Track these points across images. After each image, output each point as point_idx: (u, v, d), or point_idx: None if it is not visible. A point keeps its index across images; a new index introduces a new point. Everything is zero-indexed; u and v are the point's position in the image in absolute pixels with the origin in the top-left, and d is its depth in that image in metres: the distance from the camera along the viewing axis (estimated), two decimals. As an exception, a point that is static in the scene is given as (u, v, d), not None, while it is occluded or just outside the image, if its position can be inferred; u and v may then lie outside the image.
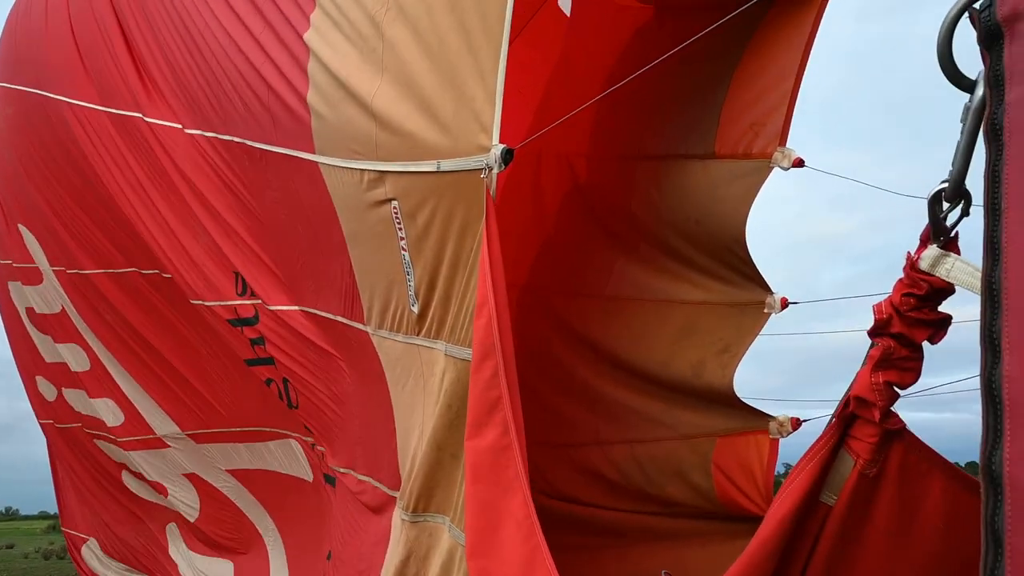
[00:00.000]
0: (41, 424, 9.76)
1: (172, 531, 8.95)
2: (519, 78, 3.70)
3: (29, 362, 9.21)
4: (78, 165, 7.14)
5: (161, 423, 8.05)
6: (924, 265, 2.20)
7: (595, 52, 4.97)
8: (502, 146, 3.57)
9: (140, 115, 6.50)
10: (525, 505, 3.00)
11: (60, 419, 9.23)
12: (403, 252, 4.31)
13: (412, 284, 4.29)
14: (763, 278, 4.98)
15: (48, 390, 9.11)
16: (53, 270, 8.00)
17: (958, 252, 2.19)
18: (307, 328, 6.08)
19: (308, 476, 7.28)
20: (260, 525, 8.09)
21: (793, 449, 4.99)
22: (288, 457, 7.46)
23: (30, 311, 8.71)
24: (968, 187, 2.09)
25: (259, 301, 6.38)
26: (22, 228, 8.11)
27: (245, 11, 5.19)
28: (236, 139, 5.90)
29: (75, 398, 8.74)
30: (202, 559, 8.61)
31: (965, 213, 2.14)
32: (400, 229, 4.28)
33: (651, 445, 5.41)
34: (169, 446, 8.19)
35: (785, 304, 4.94)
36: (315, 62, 4.65)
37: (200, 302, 6.70)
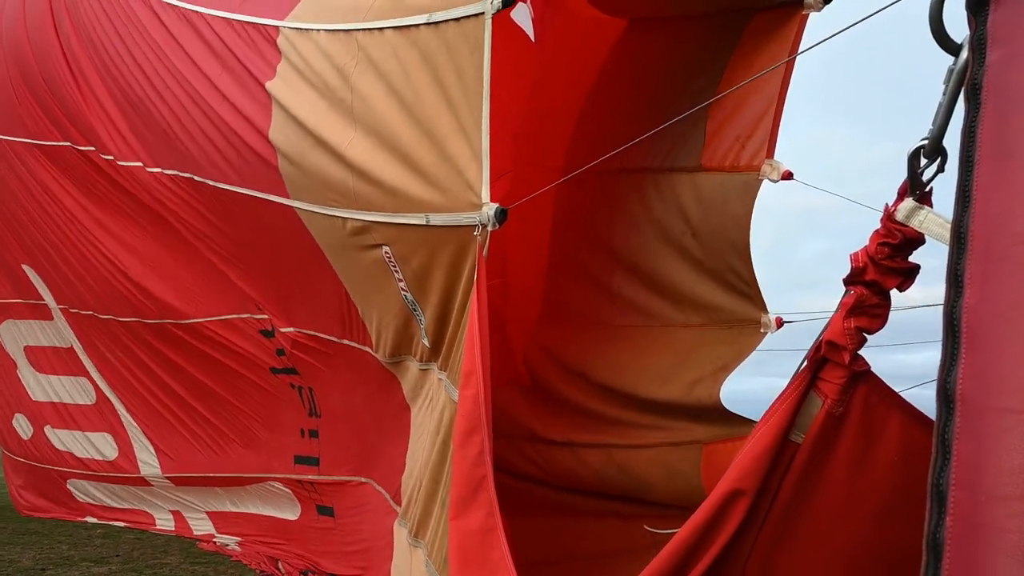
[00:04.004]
0: (6, 456, 9.80)
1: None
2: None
3: (11, 400, 9.12)
4: (64, 208, 7.01)
5: (147, 462, 8.06)
6: (900, 216, 2.33)
7: (571, 69, 4.87)
8: (495, 205, 3.51)
9: (112, 157, 6.33)
10: None
11: (31, 457, 9.20)
12: (404, 293, 4.29)
13: (423, 321, 4.29)
14: (761, 297, 4.97)
15: (24, 428, 9.05)
16: (59, 308, 7.92)
17: (931, 206, 2.31)
18: (312, 345, 6.03)
19: (294, 515, 7.24)
20: None
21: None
22: (265, 500, 7.44)
23: (31, 350, 8.60)
24: (945, 146, 2.19)
25: (268, 317, 6.36)
26: (26, 268, 7.98)
27: (201, 56, 5.02)
28: (197, 178, 5.75)
29: (58, 437, 8.70)
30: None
31: (941, 169, 2.23)
32: (396, 271, 4.25)
33: (630, 451, 5.42)
34: (152, 485, 8.22)
35: (780, 324, 4.96)
36: (279, 108, 4.53)
37: (224, 316, 6.68)
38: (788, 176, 4.54)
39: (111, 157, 6.31)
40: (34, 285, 8.00)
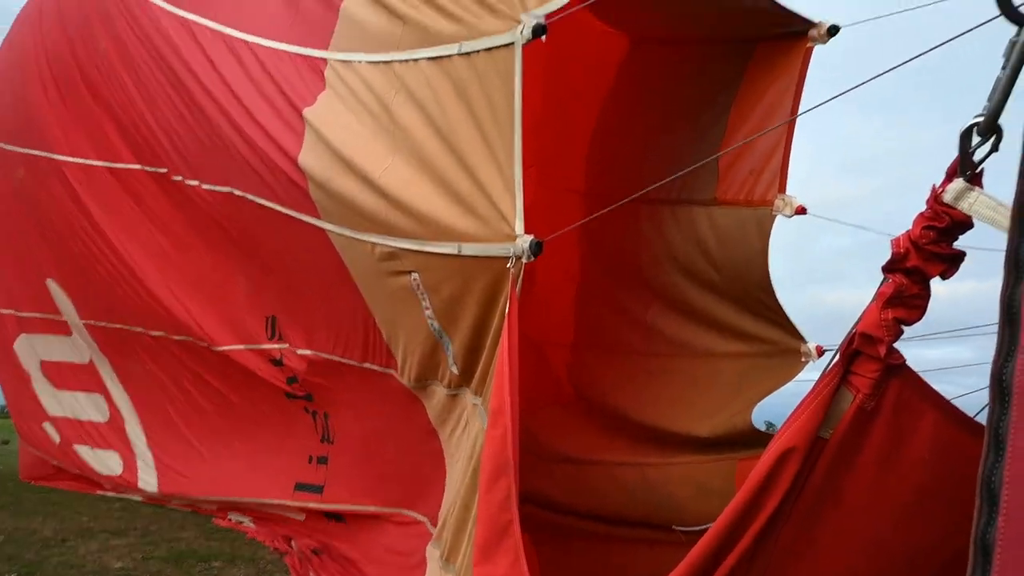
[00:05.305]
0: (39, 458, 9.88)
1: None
2: None
3: (33, 411, 9.23)
4: (92, 225, 7.12)
5: (147, 481, 8.24)
6: (948, 198, 2.18)
7: (582, 84, 4.89)
8: (529, 237, 3.50)
9: (139, 166, 6.43)
10: None
11: (65, 462, 9.29)
12: (430, 321, 4.27)
13: (450, 350, 4.26)
14: (794, 326, 4.97)
15: (55, 434, 9.19)
16: (84, 323, 8.00)
17: (982, 187, 2.17)
18: (329, 369, 6.03)
19: (300, 518, 7.30)
20: None
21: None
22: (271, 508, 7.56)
23: (47, 365, 8.71)
24: (1001, 124, 2.06)
25: (286, 346, 6.37)
26: (51, 283, 8.06)
27: (236, 78, 5.15)
28: (238, 192, 5.80)
29: (83, 452, 8.86)
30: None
31: (995, 149, 2.09)
32: (424, 299, 4.24)
33: (663, 468, 5.36)
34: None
35: (821, 352, 4.90)
36: (312, 134, 4.60)
37: (235, 347, 6.76)
38: (802, 211, 4.60)
39: (165, 170, 6.37)
40: (54, 300, 8.09)
